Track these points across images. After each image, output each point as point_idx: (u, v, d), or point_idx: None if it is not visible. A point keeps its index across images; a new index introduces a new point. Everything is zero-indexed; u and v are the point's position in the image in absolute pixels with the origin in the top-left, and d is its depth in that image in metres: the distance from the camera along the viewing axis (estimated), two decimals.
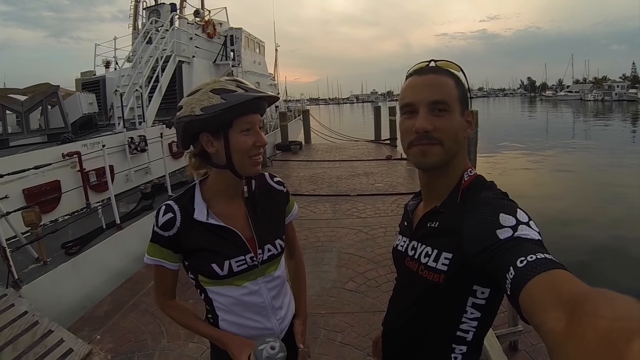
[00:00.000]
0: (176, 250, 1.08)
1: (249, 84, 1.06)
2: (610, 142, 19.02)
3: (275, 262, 1.18)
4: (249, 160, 1.05)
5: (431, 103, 0.85)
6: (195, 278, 1.12)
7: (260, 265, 1.12)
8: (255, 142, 1.04)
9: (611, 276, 5.52)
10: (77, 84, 9.49)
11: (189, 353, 2.85)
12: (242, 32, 12.31)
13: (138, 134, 6.38)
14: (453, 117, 0.86)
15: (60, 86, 6.65)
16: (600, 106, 53.53)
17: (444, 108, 0.85)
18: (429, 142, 0.85)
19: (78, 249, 3.87)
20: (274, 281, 1.18)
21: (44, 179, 4.46)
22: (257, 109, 1.05)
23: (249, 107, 1.02)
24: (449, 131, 0.85)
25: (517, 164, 14.52)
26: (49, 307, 3.14)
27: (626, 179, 11.30)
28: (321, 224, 5.67)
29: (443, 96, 0.85)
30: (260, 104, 1.06)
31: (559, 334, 0.45)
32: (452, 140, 0.86)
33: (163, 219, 1.06)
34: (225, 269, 1.07)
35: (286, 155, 12.54)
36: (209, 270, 1.06)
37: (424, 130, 0.84)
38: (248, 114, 1.03)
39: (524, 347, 2.77)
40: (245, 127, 1.03)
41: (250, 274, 1.11)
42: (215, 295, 1.12)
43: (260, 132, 1.06)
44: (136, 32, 10.32)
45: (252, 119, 1.03)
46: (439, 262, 0.84)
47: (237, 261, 1.08)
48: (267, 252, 1.14)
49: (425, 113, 0.85)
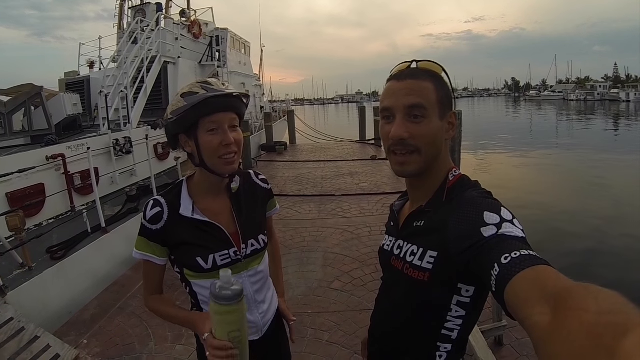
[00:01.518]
0: (163, 244, 1.11)
1: (217, 85, 1.07)
2: (592, 141, 19.49)
3: (258, 257, 1.22)
4: (219, 160, 1.07)
5: (407, 109, 0.85)
6: (181, 272, 1.15)
7: (243, 259, 1.17)
8: (222, 141, 1.05)
9: (594, 270, 5.70)
10: (61, 84, 9.33)
11: (176, 355, 2.86)
12: (228, 33, 12.23)
13: (123, 136, 6.30)
14: (430, 123, 0.86)
15: (44, 87, 6.55)
16: (583, 106, 54.74)
17: (421, 114, 0.85)
18: (406, 151, 0.87)
19: (63, 253, 3.84)
20: (257, 275, 1.22)
21: (27, 182, 4.39)
22: (224, 108, 1.05)
23: (212, 106, 1.03)
24: (426, 138, 0.86)
25: (500, 161, 14.79)
26: (35, 313, 3.12)
27: (608, 175, 11.71)
28: (306, 224, 5.72)
29: (420, 102, 0.85)
30: (227, 102, 1.06)
31: (544, 328, 0.46)
32: (430, 146, 0.87)
33: (151, 213, 1.10)
34: (210, 262, 1.11)
35: (271, 156, 12.56)
36: (194, 264, 1.10)
37: (399, 137, 0.86)
38: (212, 114, 1.04)
39: (508, 341, 2.85)
40: (211, 127, 1.04)
41: (233, 268, 1.14)
42: (200, 288, 1.15)
43: (227, 131, 1.06)
44: (121, 32, 10.17)
45: (217, 119, 1.04)
46: (424, 261, 0.85)
47: (221, 255, 1.12)
48: (250, 247, 1.18)
49: (401, 120, 0.86)
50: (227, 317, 0.89)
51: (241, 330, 0.92)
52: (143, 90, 7.61)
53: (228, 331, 0.91)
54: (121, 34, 10.02)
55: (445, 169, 0.92)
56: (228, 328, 0.91)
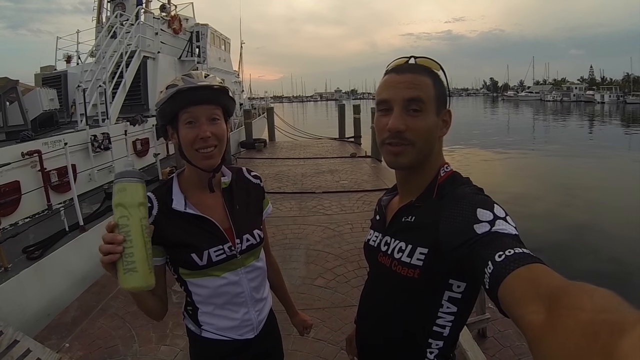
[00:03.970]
0: (156, 241, 1.04)
1: (198, 77, 1.05)
2: (567, 139, 20.19)
3: (255, 253, 1.20)
4: (197, 154, 1.05)
5: (406, 103, 0.85)
6: (176, 271, 1.14)
7: (239, 255, 1.15)
8: (197, 134, 1.03)
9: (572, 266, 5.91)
10: (37, 79, 9.05)
11: (161, 356, 2.83)
12: (208, 29, 12.10)
13: (101, 132, 6.19)
14: (427, 118, 0.86)
15: (19, 81, 6.35)
16: (559, 106, 56.46)
17: (419, 108, 0.85)
18: (401, 143, 0.86)
19: (40, 253, 3.73)
20: (255, 271, 1.21)
21: (2, 179, 4.26)
22: (200, 101, 1.03)
23: (188, 99, 1.02)
24: (422, 132, 0.86)
25: (478, 159, 15.16)
26: (13, 316, 3.03)
27: (581, 172, 12.26)
28: (288, 222, 5.72)
29: (419, 96, 0.85)
30: (203, 95, 1.03)
31: (538, 327, 0.46)
32: (424, 141, 0.87)
33: None
34: (205, 259, 1.09)
35: (250, 153, 12.48)
36: (189, 261, 1.08)
37: (397, 130, 0.85)
38: (189, 106, 1.02)
39: (492, 334, 2.93)
40: (188, 119, 1.03)
41: (230, 264, 1.13)
42: (195, 287, 1.14)
43: (204, 124, 1.04)
44: (100, 26, 9.95)
45: (193, 111, 1.03)
46: (413, 257, 0.84)
47: (216, 251, 1.10)
48: (245, 242, 1.16)
49: (399, 112, 0.85)
50: (119, 197, 0.87)
51: (131, 218, 0.87)
52: (122, 86, 7.48)
53: (119, 216, 0.86)
54: (100, 27, 9.80)
55: (437, 164, 0.92)
56: (119, 213, 0.87)
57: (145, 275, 0.88)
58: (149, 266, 0.89)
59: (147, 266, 0.89)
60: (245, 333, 1.21)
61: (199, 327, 1.19)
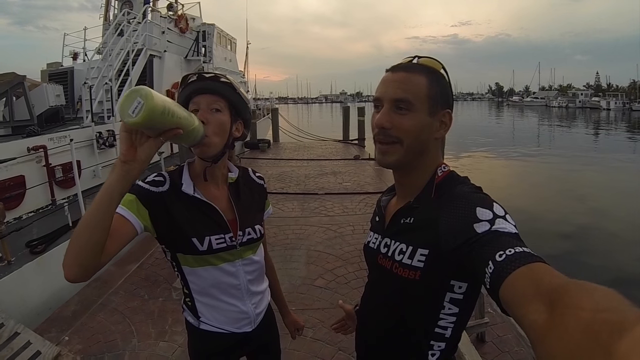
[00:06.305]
0: (154, 218, 1.04)
1: (211, 73, 1.13)
2: (573, 146, 20.10)
3: (254, 247, 1.24)
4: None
5: (394, 100, 0.85)
6: (174, 258, 1.14)
7: (239, 246, 1.17)
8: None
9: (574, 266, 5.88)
10: (44, 75, 9.11)
11: (160, 352, 2.85)
12: (215, 28, 12.14)
13: (107, 129, 6.24)
14: (415, 117, 0.85)
15: (26, 76, 6.41)
16: (565, 112, 56.16)
17: (406, 107, 0.84)
18: (388, 141, 0.87)
19: (43, 247, 3.76)
20: (252, 265, 1.23)
21: (7, 173, 4.30)
22: (204, 91, 1.09)
23: (191, 89, 1.10)
24: (408, 130, 0.85)
25: (483, 165, 15.08)
26: (14, 309, 3.05)
27: (587, 179, 12.17)
28: (289, 222, 5.72)
29: (406, 95, 0.84)
30: (204, 85, 1.09)
31: (541, 326, 0.46)
32: (412, 140, 0.86)
33: (152, 178, 1.11)
34: (205, 244, 1.11)
35: (254, 153, 12.50)
36: (189, 245, 1.10)
37: (381, 126, 0.86)
38: (195, 95, 1.09)
39: (490, 338, 2.92)
40: (192, 107, 1.09)
41: (228, 254, 1.16)
42: (192, 276, 1.16)
43: (204, 111, 1.07)
44: (107, 24, 10.01)
45: (197, 100, 1.09)
46: (414, 259, 0.83)
47: (217, 239, 1.13)
48: (247, 235, 1.19)
49: (386, 110, 0.86)
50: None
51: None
52: (128, 83, 7.52)
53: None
54: (107, 25, 9.87)
55: (434, 165, 0.91)
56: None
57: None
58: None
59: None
60: (243, 326, 1.23)
61: (198, 319, 1.20)
